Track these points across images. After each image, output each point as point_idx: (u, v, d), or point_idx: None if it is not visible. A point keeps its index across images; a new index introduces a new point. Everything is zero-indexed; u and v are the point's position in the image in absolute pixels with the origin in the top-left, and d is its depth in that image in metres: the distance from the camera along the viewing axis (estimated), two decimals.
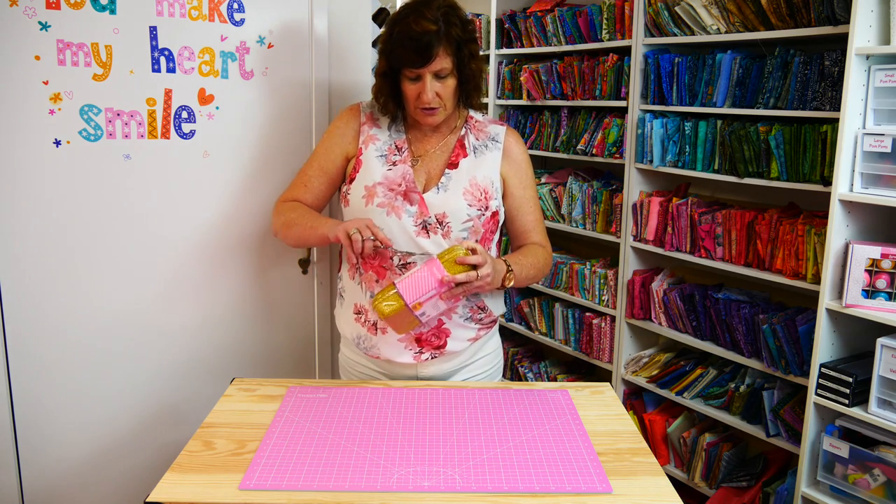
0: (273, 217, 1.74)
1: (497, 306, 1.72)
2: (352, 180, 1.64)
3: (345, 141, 1.67)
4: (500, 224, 1.68)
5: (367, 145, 1.64)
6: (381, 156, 1.62)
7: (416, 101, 1.56)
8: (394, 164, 1.61)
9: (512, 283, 1.58)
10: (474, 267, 1.46)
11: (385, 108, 1.63)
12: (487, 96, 3.61)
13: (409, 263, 1.58)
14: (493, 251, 1.70)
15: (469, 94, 1.63)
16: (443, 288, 1.45)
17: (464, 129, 1.67)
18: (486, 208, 1.61)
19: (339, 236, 1.49)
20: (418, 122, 1.64)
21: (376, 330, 1.64)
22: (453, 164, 1.63)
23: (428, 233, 1.58)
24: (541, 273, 1.68)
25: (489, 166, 1.64)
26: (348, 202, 1.64)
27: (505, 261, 1.59)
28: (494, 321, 1.74)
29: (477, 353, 1.72)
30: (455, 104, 1.62)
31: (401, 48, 1.50)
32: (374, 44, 2.23)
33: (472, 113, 1.70)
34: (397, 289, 1.44)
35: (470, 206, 1.59)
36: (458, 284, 1.45)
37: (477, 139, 1.67)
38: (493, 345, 1.77)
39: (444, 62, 1.51)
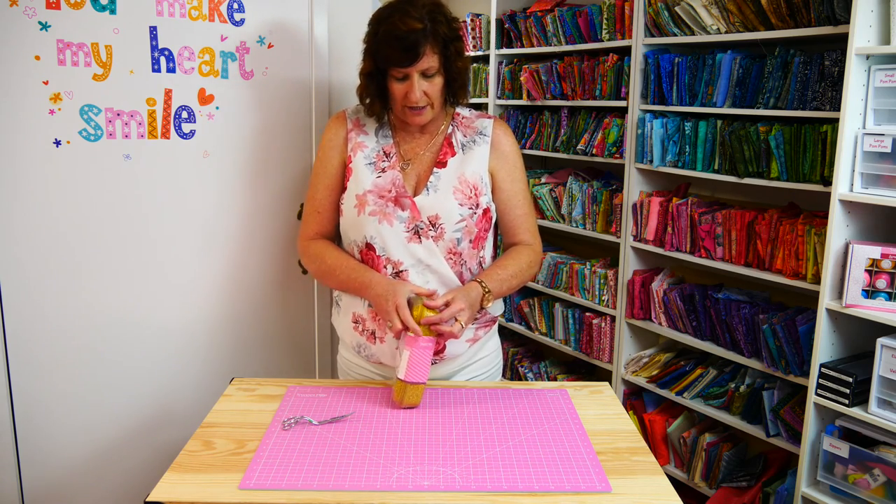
0: (304, 261, 1.70)
1: (494, 306, 1.71)
2: (344, 189, 1.63)
3: (338, 151, 1.65)
4: (493, 222, 1.67)
5: (356, 153, 1.62)
6: (370, 163, 1.61)
7: (403, 100, 1.54)
8: (383, 170, 1.60)
9: (490, 302, 1.56)
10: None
11: (371, 109, 1.61)
12: (487, 96, 3.62)
13: (402, 272, 1.57)
14: (489, 251, 1.69)
15: (456, 93, 1.61)
16: (435, 347, 1.49)
17: (451, 128, 1.65)
18: (477, 206, 1.60)
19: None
20: (406, 122, 1.62)
21: (375, 339, 1.64)
22: (441, 164, 1.61)
23: (420, 238, 1.56)
24: (526, 278, 1.66)
25: (478, 162, 1.62)
26: (343, 212, 1.63)
27: (481, 282, 1.56)
28: (493, 320, 1.73)
29: (476, 354, 1.71)
30: (442, 103, 1.61)
31: (387, 48, 1.49)
32: None
33: (458, 109, 1.68)
34: (411, 381, 1.47)
35: (461, 205, 1.58)
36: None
37: (464, 136, 1.64)
38: (492, 346, 1.76)
39: (431, 61, 1.50)
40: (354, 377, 1.74)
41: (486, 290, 1.56)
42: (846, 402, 1.99)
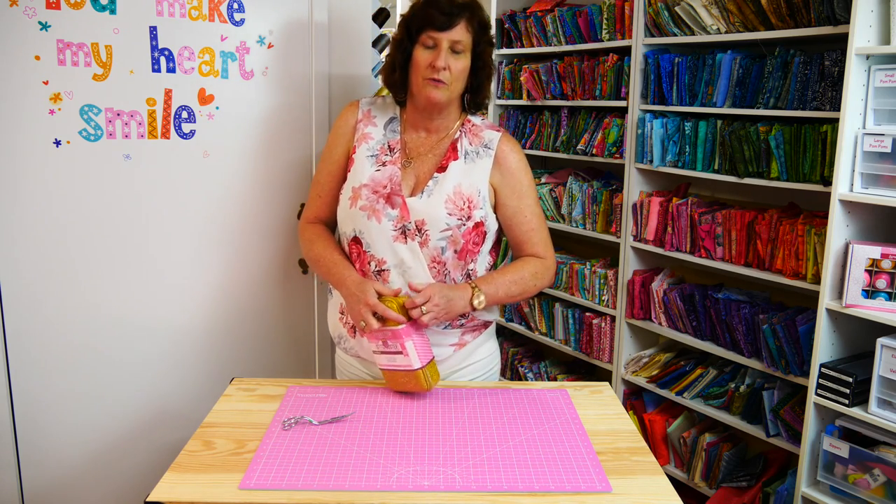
0: (300, 241, 1.74)
1: (488, 312, 1.70)
2: (345, 179, 1.64)
3: (345, 139, 1.67)
4: (486, 235, 1.63)
5: (360, 144, 1.63)
6: (372, 156, 1.61)
7: (425, 69, 1.54)
8: (383, 164, 1.60)
9: (483, 305, 1.55)
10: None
11: (391, 77, 1.61)
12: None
13: (384, 270, 1.57)
14: (484, 262, 1.67)
15: (478, 87, 1.63)
16: (420, 331, 1.51)
17: (458, 132, 1.65)
18: (468, 218, 1.58)
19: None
20: (417, 115, 1.61)
21: (354, 333, 1.64)
22: (442, 168, 1.60)
23: (406, 238, 1.56)
24: (529, 287, 1.64)
25: (478, 175, 1.61)
26: (339, 202, 1.64)
27: (472, 284, 1.57)
28: (484, 325, 1.71)
29: (467, 358, 1.70)
30: (460, 91, 1.61)
31: (426, 10, 1.53)
32: (375, 44, 2.23)
33: (469, 116, 1.68)
34: (425, 364, 1.49)
35: (450, 214, 1.56)
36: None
37: (470, 144, 1.64)
38: (485, 350, 1.74)
39: (463, 35, 1.54)
40: (347, 376, 1.75)
41: (475, 287, 1.56)
42: (846, 402, 1.99)
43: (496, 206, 1.65)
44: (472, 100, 1.65)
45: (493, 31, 1.62)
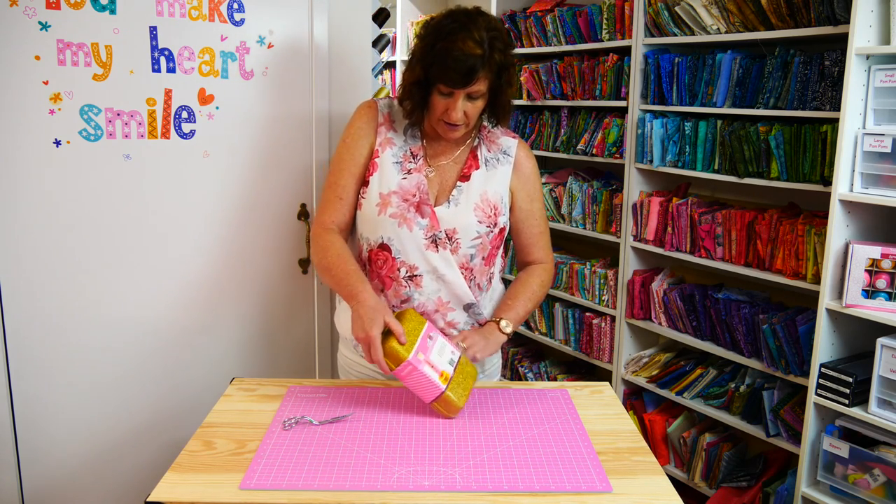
0: (312, 247, 1.65)
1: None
2: (366, 183, 1.61)
3: (368, 140, 1.62)
4: (504, 238, 1.68)
5: (384, 148, 1.60)
6: (397, 162, 1.59)
7: (441, 114, 1.52)
8: (409, 172, 1.59)
9: (511, 330, 1.62)
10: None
11: (411, 114, 1.58)
12: None
13: (417, 276, 1.57)
14: (498, 267, 1.70)
15: (498, 116, 1.61)
16: (415, 371, 1.44)
17: (477, 140, 1.65)
18: (495, 225, 1.61)
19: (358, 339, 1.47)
20: (437, 133, 1.61)
21: None
22: (465, 177, 1.61)
23: (437, 247, 1.57)
24: (540, 299, 1.70)
25: (500, 181, 1.63)
26: (362, 206, 1.60)
27: (498, 322, 1.61)
28: None
29: None
30: (477, 121, 1.60)
31: (442, 65, 1.45)
32: (374, 44, 2.23)
33: (485, 122, 1.67)
34: (430, 400, 1.45)
35: (480, 222, 1.58)
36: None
37: (489, 151, 1.65)
38: None
39: (480, 85, 1.48)
40: (354, 375, 1.74)
41: (506, 326, 1.61)
42: (846, 402, 1.99)
43: (510, 208, 1.68)
44: (492, 114, 1.62)
45: (512, 51, 1.53)
